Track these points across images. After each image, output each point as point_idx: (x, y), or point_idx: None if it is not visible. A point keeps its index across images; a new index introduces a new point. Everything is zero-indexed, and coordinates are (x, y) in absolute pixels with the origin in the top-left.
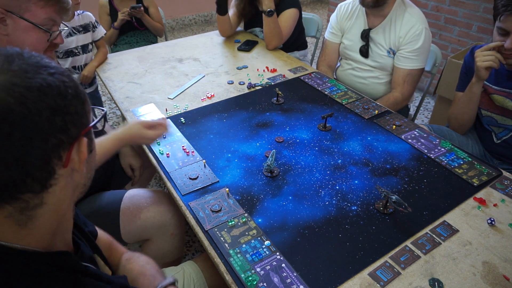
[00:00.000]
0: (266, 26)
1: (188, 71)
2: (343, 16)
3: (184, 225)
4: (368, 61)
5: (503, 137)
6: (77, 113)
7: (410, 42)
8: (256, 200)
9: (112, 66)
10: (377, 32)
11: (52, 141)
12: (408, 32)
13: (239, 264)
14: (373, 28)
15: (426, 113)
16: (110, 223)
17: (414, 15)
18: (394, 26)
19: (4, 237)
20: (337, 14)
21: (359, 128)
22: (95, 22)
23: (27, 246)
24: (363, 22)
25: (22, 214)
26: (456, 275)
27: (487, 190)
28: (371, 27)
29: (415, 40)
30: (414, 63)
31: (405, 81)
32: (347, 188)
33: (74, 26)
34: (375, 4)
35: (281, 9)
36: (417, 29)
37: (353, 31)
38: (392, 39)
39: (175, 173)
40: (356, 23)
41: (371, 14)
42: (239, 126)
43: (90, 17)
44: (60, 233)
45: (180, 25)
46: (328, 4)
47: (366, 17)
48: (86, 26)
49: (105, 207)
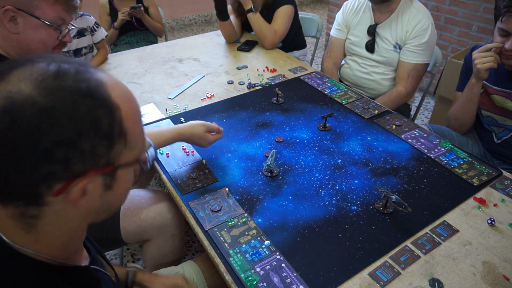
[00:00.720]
0: (255, 25)
1: (188, 71)
2: (349, 13)
3: (184, 225)
4: (374, 56)
5: (503, 137)
6: (93, 152)
7: (416, 36)
8: (256, 200)
9: (112, 66)
10: (384, 28)
11: (42, 170)
12: (415, 27)
13: (239, 264)
14: (379, 24)
15: (426, 113)
16: (110, 223)
17: (420, 10)
18: (401, 20)
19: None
20: (343, 11)
21: (359, 128)
22: (94, 26)
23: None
24: (369, 17)
25: (23, 220)
26: (456, 275)
27: (487, 190)
28: (377, 22)
29: (421, 35)
30: (420, 57)
31: (410, 75)
32: (347, 188)
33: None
34: (382, 1)
35: (275, 7)
36: (424, 23)
37: (360, 27)
38: (399, 33)
39: (175, 173)
40: (363, 19)
41: (377, 10)
42: (239, 126)
43: (89, 21)
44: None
45: (180, 25)
46: (328, 4)
47: (373, 13)
48: (81, 30)
49: None
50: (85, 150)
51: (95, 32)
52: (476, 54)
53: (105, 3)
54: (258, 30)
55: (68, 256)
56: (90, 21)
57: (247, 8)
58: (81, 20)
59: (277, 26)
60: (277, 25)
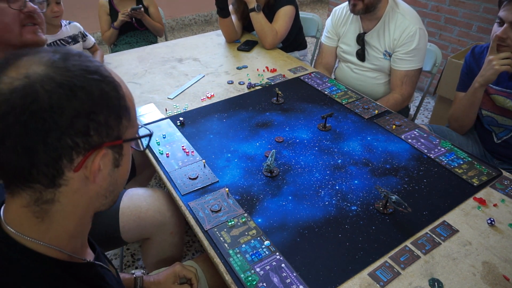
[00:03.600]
0: (256, 24)
1: (188, 71)
2: (338, 21)
3: (184, 224)
4: (366, 64)
5: (504, 137)
6: (107, 124)
7: (404, 44)
8: (256, 200)
9: (112, 66)
10: (372, 36)
11: (67, 141)
12: (402, 34)
13: (238, 264)
14: (367, 32)
15: (426, 113)
16: (109, 222)
17: (406, 17)
18: (388, 28)
19: (27, 231)
20: (332, 19)
21: (359, 128)
22: (83, 32)
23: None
24: (358, 26)
25: (38, 205)
26: (456, 275)
27: (487, 190)
28: (365, 30)
29: (409, 42)
30: (410, 64)
31: (403, 82)
32: (347, 188)
33: (62, 37)
34: (365, 11)
35: (277, 7)
36: (410, 30)
37: (349, 35)
38: (387, 41)
39: (175, 173)
40: (351, 28)
41: (365, 18)
42: (239, 126)
43: (79, 27)
44: (80, 236)
45: (180, 25)
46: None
47: (361, 21)
48: (75, 36)
49: None
50: (100, 122)
51: (86, 37)
52: (492, 56)
53: (105, 3)
54: (260, 30)
55: (75, 249)
56: (79, 28)
57: (250, 7)
58: (71, 27)
59: (277, 27)
60: (278, 26)
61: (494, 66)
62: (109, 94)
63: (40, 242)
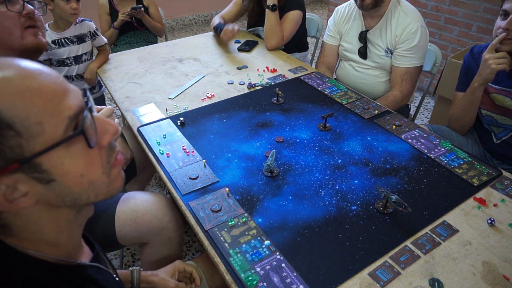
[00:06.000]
0: (268, 22)
1: (188, 71)
2: (340, 20)
3: (182, 228)
4: (367, 62)
5: (503, 137)
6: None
7: (406, 40)
8: (256, 200)
9: (112, 66)
10: (374, 33)
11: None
12: (404, 31)
13: (239, 264)
14: (370, 30)
15: (426, 113)
16: (105, 226)
17: (408, 14)
18: (390, 25)
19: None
20: (334, 18)
21: (359, 128)
22: (95, 31)
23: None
24: (360, 24)
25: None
26: (456, 275)
27: (487, 190)
28: (368, 28)
29: (411, 39)
30: (411, 61)
31: (404, 79)
32: (347, 188)
33: (68, 36)
34: (374, 6)
35: (285, 10)
36: (412, 27)
37: (351, 33)
38: (389, 38)
39: (175, 173)
40: (354, 26)
41: (367, 15)
42: (239, 126)
43: (90, 26)
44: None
45: (180, 25)
46: (328, 4)
47: (363, 19)
48: (81, 36)
49: (100, 210)
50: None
51: (96, 36)
52: (489, 55)
53: (104, 3)
54: (269, 29)
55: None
56: (91, 27)
57: (271, 4)
58: (81, 26)
59: (283, 30)
60: (284, 29)
61: (491, 65)
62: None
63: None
